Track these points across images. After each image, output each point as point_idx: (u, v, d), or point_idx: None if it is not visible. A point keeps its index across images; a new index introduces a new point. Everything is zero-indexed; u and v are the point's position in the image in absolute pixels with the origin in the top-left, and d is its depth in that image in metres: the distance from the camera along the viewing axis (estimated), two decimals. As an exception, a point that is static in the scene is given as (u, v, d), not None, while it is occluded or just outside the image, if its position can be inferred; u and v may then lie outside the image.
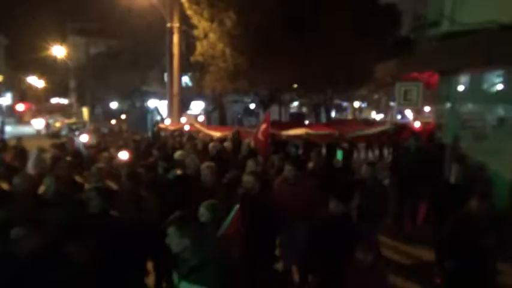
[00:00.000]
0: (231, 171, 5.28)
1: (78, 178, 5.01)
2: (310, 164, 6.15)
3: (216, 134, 10.53)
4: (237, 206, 3.40)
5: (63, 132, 23.25)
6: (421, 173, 6.43)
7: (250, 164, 5.58)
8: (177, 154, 6.24)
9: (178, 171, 5.23)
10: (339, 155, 6.19)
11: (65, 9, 34.87)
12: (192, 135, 10.71)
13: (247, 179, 4.35)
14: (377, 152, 16.89)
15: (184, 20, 13.33)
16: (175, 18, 12.80)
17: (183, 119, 14.46)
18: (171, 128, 13.21)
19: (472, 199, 3.79)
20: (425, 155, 6.83)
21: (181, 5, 12.86)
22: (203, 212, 3.45)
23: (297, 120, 16.82)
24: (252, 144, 7.74)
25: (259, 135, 7.71)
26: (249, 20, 12.79)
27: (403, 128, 12.59)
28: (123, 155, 5.98)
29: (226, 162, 6.50)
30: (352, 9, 14.48)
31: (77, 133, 22.14)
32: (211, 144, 7.57)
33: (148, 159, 6.75)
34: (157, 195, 4.37)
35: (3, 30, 35.58)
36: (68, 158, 6.30)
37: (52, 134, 27.06)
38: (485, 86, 7.72)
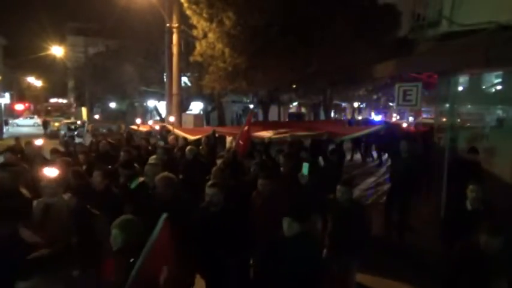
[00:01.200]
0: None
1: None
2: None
3: (191, 137, 9.54)
4: (164, 216, 2.74)
5: (62, 132, 23.21)
6: (412, 181, 6.28)
7: (215, 172, 5.12)
8: (150, 159, 5.85)
9: (141, 179, 4.75)
10: (305, 168, 5.20)
11: (63, 9, 34.81)
12: (164, 137, 10.01)
13: (208, 190, 3.77)
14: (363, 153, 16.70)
15: (184, 20, 13.31)
16: (175, 18, 12.78)
17: (172, 118, 14.28)
18: (144, 129, 12.38)
19: (481, 232, 3.20)
20: (419, 161, 6.57)
21: (180, 5, 12.84)
22: (114, 233, 2.78)
23: (287, 121, 15.82)
24: (234, 147, 7.28)
25: (239, 140, 7.29)
26: (248, 20, 12.78)
27: (396, 128, 12.43)
28: (50, 172, 4.20)
29: (203, 167, 6.16)
30: (351, 9, 14.50)
31: (75, 133, 22.12)
32: (187, 148, 7.06)
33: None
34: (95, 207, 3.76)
35: (2, 30, 35.58)
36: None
37: (51, 133, 27.02)
38: (484, 87, 7.73)
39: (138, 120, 13.58)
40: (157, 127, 11.51)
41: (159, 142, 9.44)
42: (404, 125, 28.95)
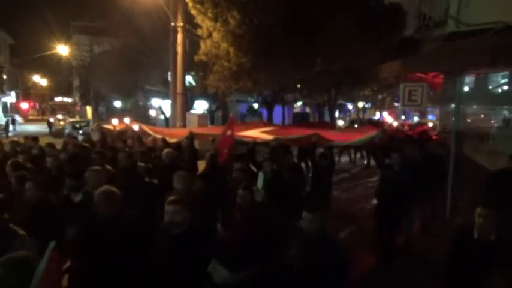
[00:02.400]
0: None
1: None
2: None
3: (171, 139, 8.44)
4: (52, 244, 2.16)
5: (67, 131, 23.33)
6: (405, 199, 5.45)
7: (178, 185, 4.33)
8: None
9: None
10: (260, 180, 4.50)
11: (69, 8, 34.97)
12: (140, 138, 9.11)
13: (168, 207, 3.09)
14: (354, 156, 15.61)
15: (188, 19, 13.33)
16: (179, 17, 12.79)
17: (127, 120, 12.70)
18: (119, 128, 11.27)
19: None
20: (413, 173, 5.65)
21: (185, 4, 12.85)
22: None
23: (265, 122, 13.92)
24: (213, 151, 6.54)
25: (222, 147, 6.59)
26: (253, 19, 12.78)
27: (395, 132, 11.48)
28: None
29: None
30: (356, 9, 14.43)
31: (80, 131, 22.24)
32: (164, 152, 6.38)
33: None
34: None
35: (8, 29, 35.78)
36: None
37: (55, 132, 27.18)
38: (490, 87, 7.68)
39: (115, 121, 12.03)
40: (135, 127, 10.13)
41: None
42: (395, 123, 28.41)
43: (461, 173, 6.79)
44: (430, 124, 23.90)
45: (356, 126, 22.57)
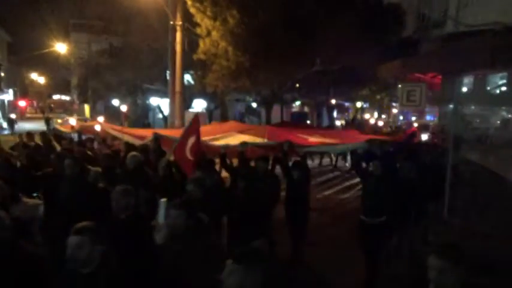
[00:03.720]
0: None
1: None
2: None
3: (136, 141, 7.39)
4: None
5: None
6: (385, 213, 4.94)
7: (118, 198, 3.27)
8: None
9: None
10: (161, 211, 3.49)
11: (67, 6, 34.80)
12: (104, 140, 8.24)
13: (69, 240, 2.34)
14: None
15: (187, 18, 13.30)
16: (178, 16, 12.76)
17: (100, 118, 11.84)
18: (76, 128, 10.04)
19: None
20: (398, 183, 5.26)
21: (184, 3, 12.82)
22: None
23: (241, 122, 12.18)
24: (172, 158, 5.63)
25: (188, 154, 5.60)
26: (252, 18, 12.76)
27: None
28: None
29: (148, 180, 5.00)
30: (355, 9, 14.43)
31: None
32: (129, 155, 5.58)
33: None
34: None
35: (6, 27, 35.56)
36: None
37: (54, 130, 27.06)
38: (489, 88, 7.69)
39: (73, 121, 11.27)
40: (97, 127, 8.89)
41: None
42: (380, 123, 28.16)
43: (459, 173, 6.80)
44: (415, 124, 22.84)
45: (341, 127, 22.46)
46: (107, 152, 6.56)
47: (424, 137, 10.89)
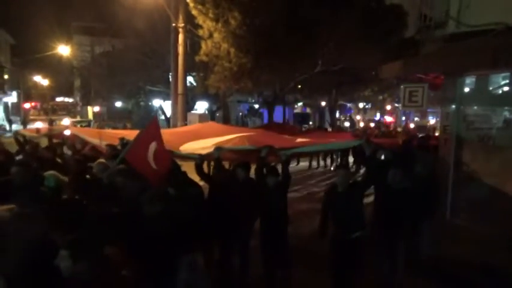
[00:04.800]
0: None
1: None
2: None
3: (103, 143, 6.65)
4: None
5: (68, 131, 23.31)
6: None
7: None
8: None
9: None
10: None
11: (70, 8, 34.97)
12: (73, 145, 7.43)
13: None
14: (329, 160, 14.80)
15: (189, 19, 13.35)
16: (181, 18, 12.80)
17: (66, 121, 10.46)
18: (43, 132, 8.70)
19: None
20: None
21: (186, 5, 12.87)
22: None
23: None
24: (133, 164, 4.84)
25: (152, 163, 4.90)
26: (253, 20, 12.80)
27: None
28: None
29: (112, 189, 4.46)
30: (357, 9, 14.45)
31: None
32: (95, 163, 5.16)
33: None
34: None
35: (9, 30, 35.80)
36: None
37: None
38: (491, 88, 7.68)
39: (39, 124, 10.10)
40: (67, 131, 8.10)
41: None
42: (372, 124, 27.61)
43: (461, 174, 6.80)
44: (412, 125, 22.44)
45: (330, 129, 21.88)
46: (77, 158, 5.90)
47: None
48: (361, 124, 29.68)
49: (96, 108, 29.65)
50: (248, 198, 5.04)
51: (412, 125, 22.71)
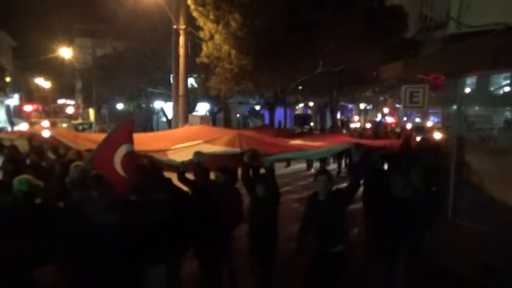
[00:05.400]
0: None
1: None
2: None
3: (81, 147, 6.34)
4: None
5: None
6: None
7: None
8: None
9: None
10: None
11: (71, 11, 35.11)
12: (57, 149, 7.15)
13: None
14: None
15: (190, 21, 13.38)
16: (181, 20, 12.84)
17: (45, 123, 10.41)
18: (27, 134, 8.47)
19: None
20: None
21: (187, 7, 12.91)
22: None
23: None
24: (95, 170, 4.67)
25: (119, 169, 4.60)
26: (254, 21, 12.82)
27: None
28: None
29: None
30: (357, 10, 14.47)
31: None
32: (72, 166, 4.94)
33: None
34: None
35: (11, 33, 35.94)
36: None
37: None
38: (492, 88, 7.67)
39: (24, 125, 9.82)
40: (45, 133, 7.62)
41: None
42: (368, 125, 27.13)
43: (463, 174, 6.79)
44: (409, 126, 20.64)
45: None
46: (63, 162, 5.66)
47: (418, 139, 10.71)
48: (357, 125, 29.51)
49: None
50: (228, 205, 4.73)
51: (409, 125, 22.06)
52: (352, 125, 29.86)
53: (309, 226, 4.37)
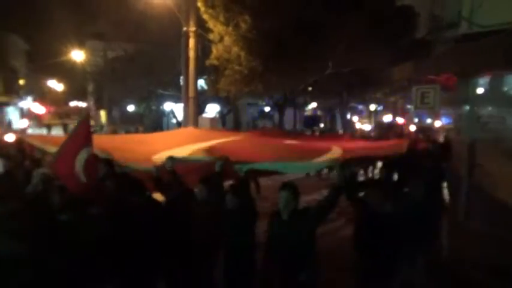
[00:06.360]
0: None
1: None
2: None
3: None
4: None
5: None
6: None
7: None
8: None
9: None
10: None
11: (83, 14, 35.54)
12: (22, 150, 6.87)
13: None
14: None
15: (200, 24, 13.46)
16: (192, 22, 12.92)
17: (24, 123, 10.10)
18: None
19: None
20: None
21: (197, 9, 12.99)
22: None
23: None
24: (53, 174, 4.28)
25: (81, 175, 4.13)
26: (264, 23, 12.85)
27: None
28: None
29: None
30: (367, 11, 14.40)
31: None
32: (35, 172, 4.68)
33: None
34: None
35: (24, 36, 36.57)
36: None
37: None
38: (505, 88, 7.57)
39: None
40: (9, 136, 7.29)
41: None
42: (368, 127, 25.71)
43: (475, 176, 6.71)
44: (412, 128, 18.98)
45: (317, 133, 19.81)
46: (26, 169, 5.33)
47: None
48: (363, 126, 29.11)
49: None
50: (206, 221, 4.12)
51: (412, 127, 19.39)
52: (358, 126, 29.48)
53: (272, 251, 3.65)
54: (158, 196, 4.64)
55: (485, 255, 5.62)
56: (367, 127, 27.02)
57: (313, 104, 33.16)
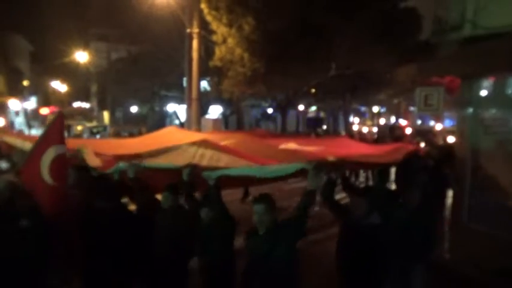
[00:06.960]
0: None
1: None
2: None
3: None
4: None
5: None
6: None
7: None
8: None
9: None
10: None
11: (87, 16, 35.72)
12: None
13: None
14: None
15: (204, 25, 13.51)
16: (195, 23, 12.96)
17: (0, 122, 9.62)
18: None
19: None
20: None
21: (200, 11, 13.04)
22: None
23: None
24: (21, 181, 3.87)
25: (46, 176, 3.65)
26: (267, 25, 12.88)
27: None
28: None
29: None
30: (370, 13, 14.40)
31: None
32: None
33: None
34: None
35: (29, 37, 36.78)
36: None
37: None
38: (509, 91, 7.54)
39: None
40: None
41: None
42: (365, 129, 25.29)
43: (478, 178, 6.69)
44: (408, 130, 18.44)
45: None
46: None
47: (421, 145, 10.17)
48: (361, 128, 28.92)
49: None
50: (176, 233, 3.87)
51: (408, 130, 18.84)
52: (356, 128, 29.24)
53: (250, 267, 3.39)
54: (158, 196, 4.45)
55: (489, 258, 5.60)
56: (365, 130, 26.85)
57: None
